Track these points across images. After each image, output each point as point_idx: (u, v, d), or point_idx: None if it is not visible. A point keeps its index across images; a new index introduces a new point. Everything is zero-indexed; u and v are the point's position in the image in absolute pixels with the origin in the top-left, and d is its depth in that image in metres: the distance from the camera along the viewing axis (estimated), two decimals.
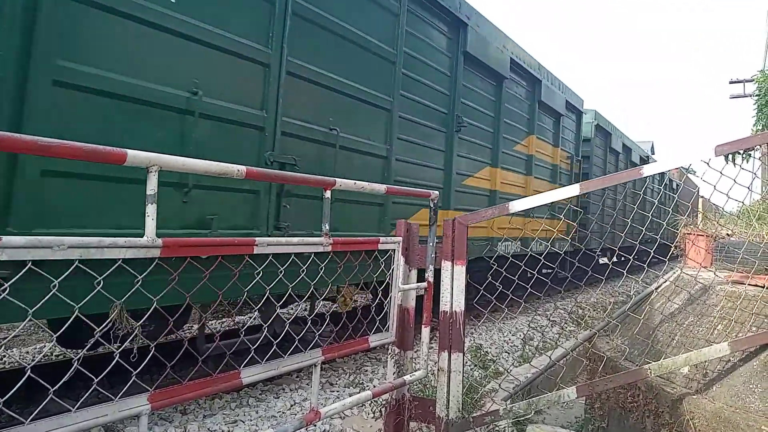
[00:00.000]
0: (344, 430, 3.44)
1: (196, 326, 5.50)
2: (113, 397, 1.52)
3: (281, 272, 1.95)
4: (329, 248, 2.16)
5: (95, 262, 1.40)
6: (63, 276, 1.38)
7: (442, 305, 2.75)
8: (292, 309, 7.11)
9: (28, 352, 5.14)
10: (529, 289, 3.02)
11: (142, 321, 1.70)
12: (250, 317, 6.38)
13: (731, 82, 15.75)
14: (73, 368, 1.42)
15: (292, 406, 3.84)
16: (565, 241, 7.43)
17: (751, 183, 2.72)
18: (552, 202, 2.76)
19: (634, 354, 3.10)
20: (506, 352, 5.91)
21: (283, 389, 4.18)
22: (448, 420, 2.70)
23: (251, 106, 3.31)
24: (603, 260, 13.81)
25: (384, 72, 4.58)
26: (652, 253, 3.00)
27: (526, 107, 7.90)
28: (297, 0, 3.59)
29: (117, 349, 1.55)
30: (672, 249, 3.52)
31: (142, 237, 1.50)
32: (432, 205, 2.80)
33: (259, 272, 1.94)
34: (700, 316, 3.02)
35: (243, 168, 1.81)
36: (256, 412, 3.66)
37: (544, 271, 3.50)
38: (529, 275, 2.83)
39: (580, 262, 3.59)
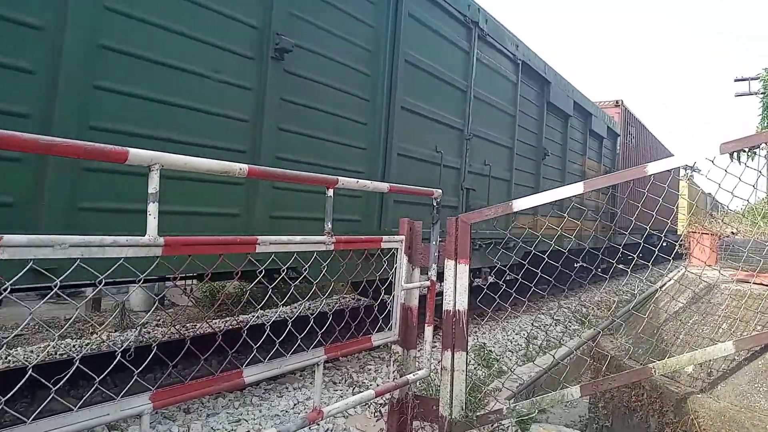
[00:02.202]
0: (347, 429, 3.43)
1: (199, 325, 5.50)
2: (115, 396, 1.51)
3: (284, 270, 1.94)
4: (332, 247, 2.16)
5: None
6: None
7: (446, 304, 2.74)
8: (295, 308, 7.11)
9: (32, 351, 5.15)
10: (533, 288, 3.00)
11: (144, 319, 1.70)
12: (253, 315, 6.39)
13: (736, 80, 15.68)
14: (74, 367, 1.42)
15: (295, 405, 3.84)
16: None
17: (756, 181, 2.71)
18: None
19: (639, 353, 3.09)
20: (510, 351, 5.89)
21: (286, 388, 4.18)
22: (452, 419, 2.69)
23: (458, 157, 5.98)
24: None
25: None
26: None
27: None
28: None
29: (119, 348, 1.54)
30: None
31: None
32: (435, 204, 2.79)
33: (261, 271, 1.93)
34: (705, 314, 3.00)
35: (245, 166, 1.81)
36: (259, 411, 3.66)
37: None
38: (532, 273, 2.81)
39: None
